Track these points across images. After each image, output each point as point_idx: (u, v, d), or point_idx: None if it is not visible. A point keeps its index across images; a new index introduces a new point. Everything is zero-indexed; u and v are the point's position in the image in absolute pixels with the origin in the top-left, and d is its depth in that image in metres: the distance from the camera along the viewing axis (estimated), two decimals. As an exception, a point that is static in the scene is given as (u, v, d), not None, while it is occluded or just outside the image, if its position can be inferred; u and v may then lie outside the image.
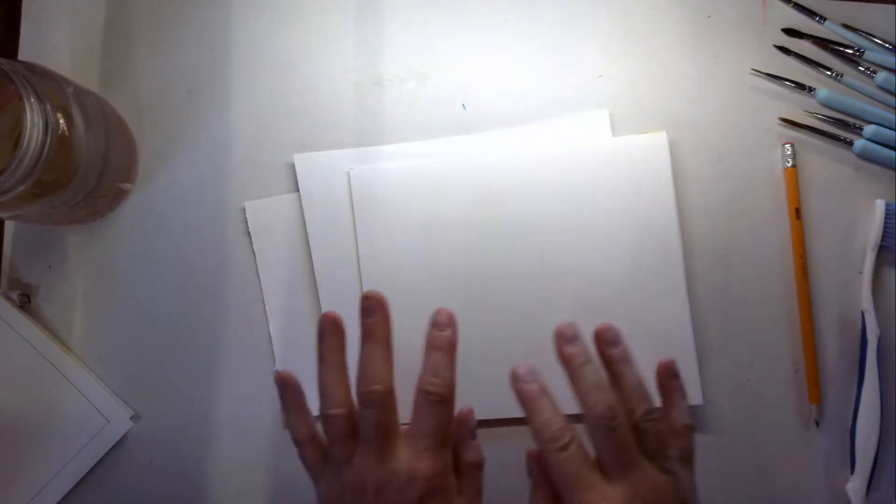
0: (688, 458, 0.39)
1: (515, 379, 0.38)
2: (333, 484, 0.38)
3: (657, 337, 0.46)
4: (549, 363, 0.39)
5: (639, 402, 0.37)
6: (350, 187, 0.46)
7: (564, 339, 0.38)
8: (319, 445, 0.39)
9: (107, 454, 0.45)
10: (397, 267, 0.46)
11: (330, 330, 0.39)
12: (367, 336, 0.39)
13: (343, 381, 0.39)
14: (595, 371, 0.37)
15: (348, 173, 0.46)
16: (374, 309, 0.39)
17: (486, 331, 0.46)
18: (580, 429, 0.36)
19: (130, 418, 0.46)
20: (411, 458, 0.37)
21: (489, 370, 0.45)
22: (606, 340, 0.39)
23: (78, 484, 0.45)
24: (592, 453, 0.36)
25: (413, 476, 0.36)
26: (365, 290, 0.45)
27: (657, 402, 0.39)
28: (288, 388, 0.40)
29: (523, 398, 0.38)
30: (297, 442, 0.39)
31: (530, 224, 0.46)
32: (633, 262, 0.46)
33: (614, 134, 0.47)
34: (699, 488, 0.38)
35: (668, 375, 0.41)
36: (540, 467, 0.39)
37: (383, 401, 0.37)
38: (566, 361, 0.38)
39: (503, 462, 0.42)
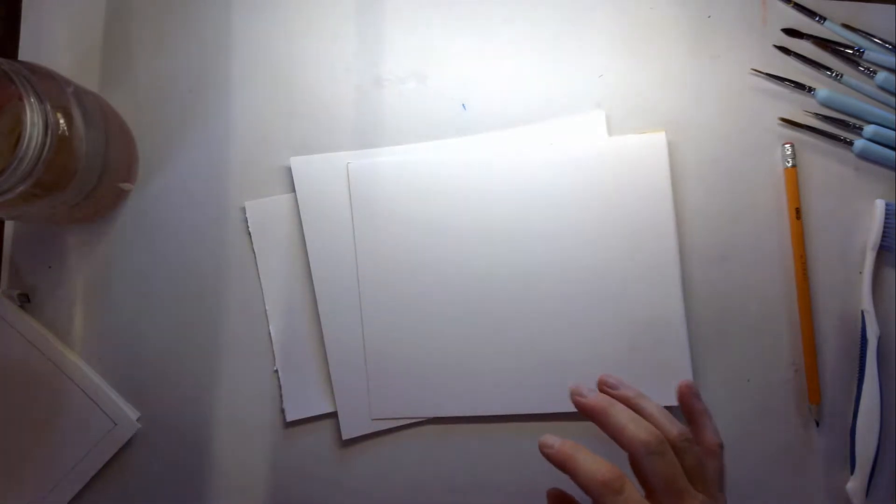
0: (721, 479, 0.38)
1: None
2: None
3: (652, 337, 0.46)
4: (542, 360, 0.42)
5: (669, 425, 0.37)
6: (349, 182, 0.46)
7: (578, 394, 0.38)
8: None
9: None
10: (395, 266, 0.46)
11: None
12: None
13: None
14: (623, 409, 0.37)
15: (347, 167, 0.46)
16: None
17: (481, 329, 0.46)
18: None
19: (136, 420, 0.45)
20: None
21: (487, 367, 0.45)
22: (610, 385, 0.40)
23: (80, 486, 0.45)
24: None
25: None
26: (364, 291, 0.46)
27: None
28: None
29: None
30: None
31: (528, 223, 0.46)
32: (629, 262, 0.46)
33: (614, 134, 0.47)
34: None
35: (692, 396, 0.41)
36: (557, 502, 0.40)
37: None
38: (590, 411, 0.38)
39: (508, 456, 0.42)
